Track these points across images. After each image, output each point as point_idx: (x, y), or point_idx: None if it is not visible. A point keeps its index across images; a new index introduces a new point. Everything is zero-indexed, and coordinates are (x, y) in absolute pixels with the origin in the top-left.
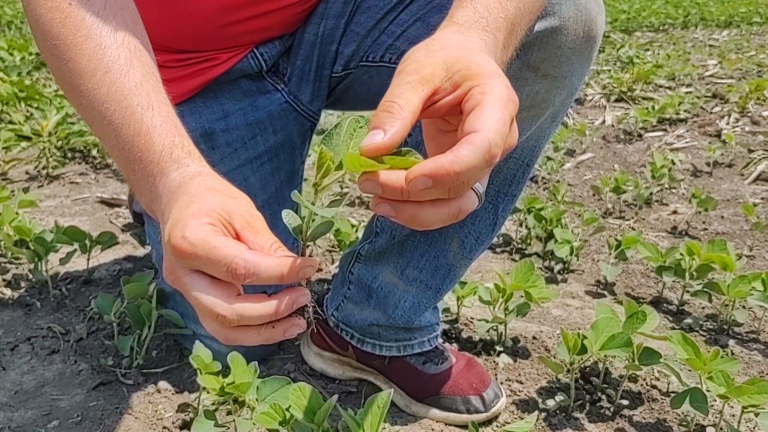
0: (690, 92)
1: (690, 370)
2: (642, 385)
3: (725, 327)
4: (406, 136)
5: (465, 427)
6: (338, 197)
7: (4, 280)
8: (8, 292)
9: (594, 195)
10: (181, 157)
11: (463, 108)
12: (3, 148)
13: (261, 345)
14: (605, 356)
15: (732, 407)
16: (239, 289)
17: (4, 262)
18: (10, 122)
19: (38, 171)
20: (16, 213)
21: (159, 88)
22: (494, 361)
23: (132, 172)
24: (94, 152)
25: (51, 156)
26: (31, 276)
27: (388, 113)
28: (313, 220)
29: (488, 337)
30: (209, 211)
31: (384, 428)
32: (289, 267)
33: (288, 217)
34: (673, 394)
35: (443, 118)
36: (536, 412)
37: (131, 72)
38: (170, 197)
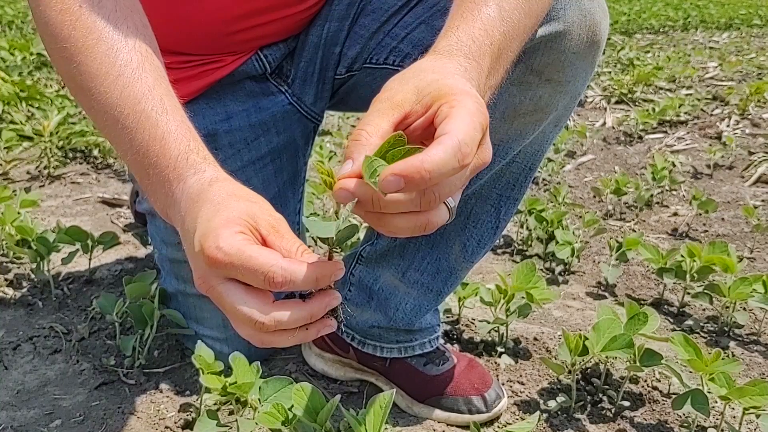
0: (690, 94)
1: (691, 372)
2: (643, 386)
3: (726, 329)
4: None
5: (467, 427)
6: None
7: (6, 279)
8: (10, 291)
9: (594, 197)
10: (197, 162)
11: (435, 126)
12: (4, 147)
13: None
14: (606, 357)
15: (733, 409)
16: (272, 295)
17: (6, 262)
18: (12, 122)
19: (39, 171)
20: (18, 213)
21: (171, 92)
22: (495, 362)
23: (146, 177)
24: (95, 152)
25: (52, 156)
26: (32, 276)
27: (356, 142)
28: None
29: (489, 338)
30: (237, 219)
31: (386, 429)
32: (322, 272)
33: (311, 225)
34: (674, 396)
35: (423, 143)
36: (537, 413)
37: (144, 76)
38: (190, 204)
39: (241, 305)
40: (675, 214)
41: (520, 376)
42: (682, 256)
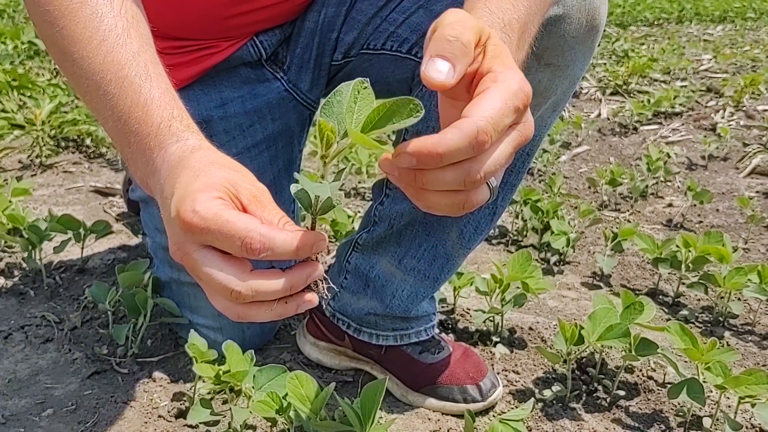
0: (685, 86)
1: (686, 362)
2: (638, 375)
3: (721, 319)
4: None
5: (461, 416)
6: (341, 169)
7: None
8: (1, 280)
9: (590, 187)
10: (180, 131)
11: (472, 94)
12: None
13: (257, 335)
14: (602, 347)
15: (728, 398)
16: (249, 264)
17: None
18: (3, 111)
19: (31, 160)
20: (10, 201)
21: (156, 60)
22: (491, 352)
23: (127, 144)
24: (87, 141)
25: (44, 145)
26: (24, 264)
27: (462, 44)
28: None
29: (485, 328)
30: (217, 185)
31: (380, 417)
32: (303, 241)
33: (295, 190)
34: (669, 385)
35: (454, 99)
36: (532, 400)
37: (128, 41)
38: (170, 171)
39: (216, 273)
40: (670, 205)
41: (516, 365)
42: (678, 246)
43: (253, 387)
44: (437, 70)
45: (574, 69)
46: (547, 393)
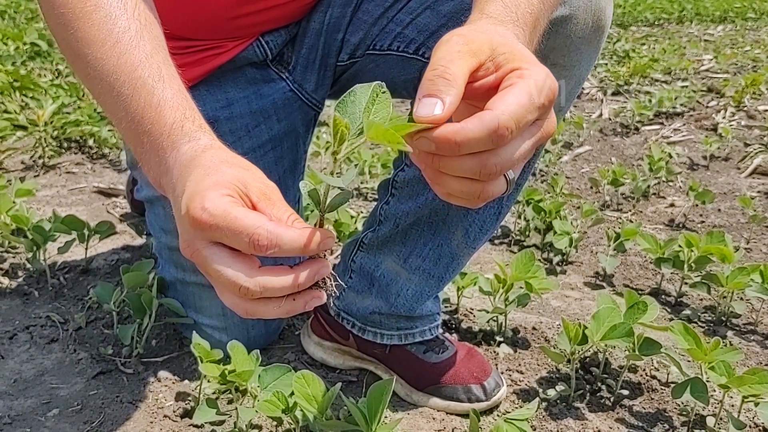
0: (686, 86)
1: (689, 361)
2: (642, 375)
3: (723, 318)
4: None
5: (466, 415)
6: (354, 165)
7: (1, 269)
8: (6, 281)
9: (591, 188)
10: (192, 131)
11: (499, 89)
12: None
13: (262, 335)
14: (605, 346)
15: (732, 397)
16: (258, 261)
17: (2, 251)
18: (6, 111)
19: (34, 161)
20: (13, 202)
21: (169, 61)
22: (494, 351)
23: (140, 145)
24: (90, 142)
25: (47, 146)
26: (28, 265)
27: (444, 79)
28: (331, 190)
29: (488, 328)
30: (227, 183)
31: (385, 417)
32: (310, 238)
33: (305, 188)
34: (672, 385)
35: (475, 105)
36: (537, 400)
37: (141, 43)
38: (182, 170)
39: (225, 269)
40: (672, 205)
41: (519, 365)
42: (680, 246)
43: (258, 386)
44: (426, 107)
45: (580, 69)
46: (551, 392)
